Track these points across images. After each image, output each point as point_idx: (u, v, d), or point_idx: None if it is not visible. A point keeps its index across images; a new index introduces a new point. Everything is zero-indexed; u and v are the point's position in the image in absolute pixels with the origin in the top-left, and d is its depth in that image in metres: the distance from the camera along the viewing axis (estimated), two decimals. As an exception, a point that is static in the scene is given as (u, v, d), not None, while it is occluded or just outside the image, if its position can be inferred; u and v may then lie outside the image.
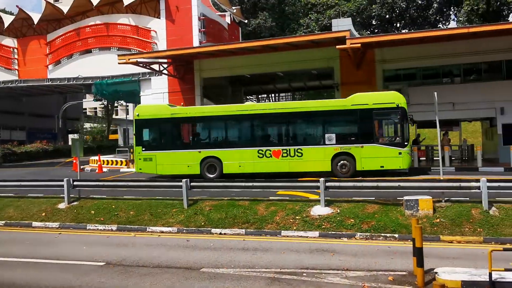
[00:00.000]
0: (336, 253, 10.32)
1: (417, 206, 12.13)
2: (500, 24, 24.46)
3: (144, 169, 20.66)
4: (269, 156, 19.47)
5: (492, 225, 11.40)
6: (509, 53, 23.07)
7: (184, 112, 21.03)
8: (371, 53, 24.53)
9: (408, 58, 24.34)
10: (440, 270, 8.45)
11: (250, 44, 24.72)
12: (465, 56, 23.74)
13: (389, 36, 23.98)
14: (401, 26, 45.31)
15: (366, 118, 18.68)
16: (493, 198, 12.57)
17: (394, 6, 42.09)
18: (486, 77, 24.43)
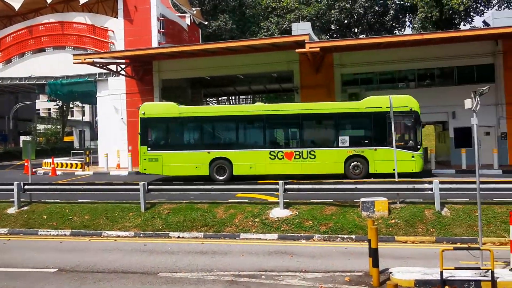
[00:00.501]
0: (295, 255, 10.38)
1: (373, 208, 12.39)
2: (452, 31, 25.49)
3: (149, 170, 19.79)
4: (281, 157, 19.11)
5: (444, 225, 11.79)
6: (460, 60, 24.03)
7: (194, 112, 20.31)
8: (330, 57, 24.95)
9: (366, 63, 24.92)
10: (394, 270, 8.65)
11: (210, 46, 24.62)
12: (420, 62, 24.57)
13: (347, 41, 24.46)
14: (359, 32, 46.38)
15: (380, 121, 18.49)
16: (445, 199, 13.01)
17: (352, 12, 43.03)
18: (439, 82, 25.33)
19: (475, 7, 42.83)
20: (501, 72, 23.55)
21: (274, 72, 27.90)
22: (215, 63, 26.06)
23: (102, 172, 25.25)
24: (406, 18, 47.10)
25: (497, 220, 11.77)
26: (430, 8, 38.53)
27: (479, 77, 23.84)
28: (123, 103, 27.60)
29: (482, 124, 23.48)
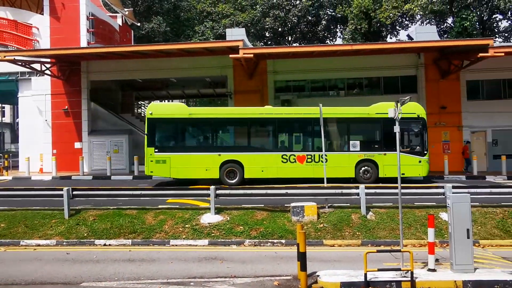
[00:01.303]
0: (225, 261, 10.31)
1: (303, 212, 12.62)
2: (379, 43, 26.78)
3: (156, 172, 19.08)
4: (293, 161, 18.99)
5: (369, 229, 12.25)
6: (386, 70, 25.30)
7: (204, 113, 19.69)
8: (264, 63, 25.25)
9: (298, 71, 25.50)
10: (322, 273, 8.84)
11: (142, 48, 24.00)
12: (349, 71, 25.57)
13: (281, 49, 24.93)
14: (293, 40, 47.41)
15: (389, 127, 18.21)
16: (371, 203, 13.53)
17: (286, 20, 43.87)
18: (366, 91, 26.44)
19: (401, 22, 45.26)
20: (422, 83, 25.04)
21: (208, 77, 27.78)
22: (147, 66, 25.47)
23: (22, 177, 23.74)
24: (338, 29, 48.80)
25: (417, 223, 12.43)
26: (359, 20, 40.20)
27: (403, 88, 25.23)
28: (48, 104, 26.15)
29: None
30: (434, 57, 24.65)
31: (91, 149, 25.78)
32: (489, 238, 11.92)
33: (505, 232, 12.10)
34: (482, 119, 24.42)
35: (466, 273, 8.66)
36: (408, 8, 37.87)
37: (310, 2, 43.03)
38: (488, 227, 12.29)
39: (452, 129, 24.71)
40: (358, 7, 39.47)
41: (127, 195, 13.86)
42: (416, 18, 42.21)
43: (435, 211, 13.00)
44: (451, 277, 8.53)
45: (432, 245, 9.01)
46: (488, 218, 12.67)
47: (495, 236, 12.00)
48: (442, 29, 41.63)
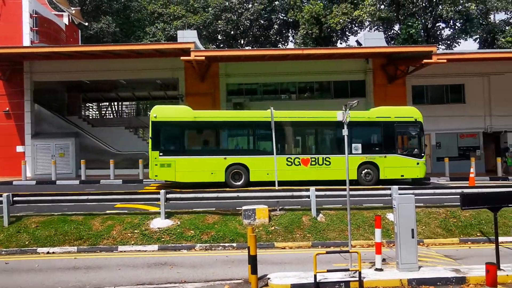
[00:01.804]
0: (175, 266, 10.12)
1: (254, 215, 12.61)
2: (329, 48, 27.31)
3: (160, 176, 18.70)
4: (298, 164, 19.24)
5: (319, 231, 12.41)
6: (336, 75, 25.86)
7: (209, 116, 19.53)
8: (216, 66, 25.14)
9: (250, 74, 25.58)
10: (272, 276, 8.84)
11: (90, 48, 23.26)
12: (300, 75, 25.93)
13: (233, 52, 24.97)
14: (245, 43, 47.54)
15: (389, 130, 19.58)
16: (321, 205, 13.72)
17: (239, 23, 43.94)
18: (317, 95, 26.91)
19: (350, 28, 46.44)
20: (371, 87, 25.79)
21: (159, 79, 27.33)
22: (95, 67, 24.73)
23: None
24: (289, 33, 49.41)
25: (366, 224, 12.71)
26: (310, 25, 40.87)
27: (352, 92, 25.87)
28: (-13, 105, 24.83)
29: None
30: (382, 63, 25.46)
31: (34, 153, 24.64)
32: (432, 237, 12.37)
33: (447, 231, 12.60)
34: (426, 123, 25.25)
35: (411, 272, 8.92)
36: (357, 15, 38.95)
37: (262, 6, 43.33)
38: (432, 227, 12.76)
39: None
40: (309, 13, 40.14)
41: (72, 200, 13.33)
42: (365, 25, 43.46)
43: (382, 212, 13.35)
44: (397, 276, 8.77)
45: (379, 245, 9.23)
46: (432, 218, 13.15)
47: (438, 235, 12.47)
48: (389, 36, 43.08)
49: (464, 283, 8.62)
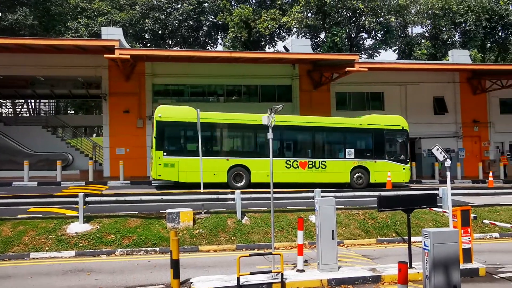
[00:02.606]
0: (93, 272, 9.64)
1: (178, 219, 12.37)
2: (257, 52, 27.62)
3: (164, 176, 18.66)
4: (296, 167, 19.83)
5: (244, 233, 12.44)
6: (263, 79, 26.17)
7: (213, 118, 19.47)
8: (142, 66, 24.50)
9: (178, 75, 25.21)
10: (195, 280, 8.70)
11: (4, 41, 21.66)
12: (228, 78, 25.96)
13: (159, 51, 24.44)
14: (173, 44, 46.78)
15: (379, 137, 20.86)
16: (246, 208, 13.77)
17: (167, 23, 43.13)
18: (245, 98, 27.07)
19: (279, 33, 47.35)
20: (297, 92, 26.42)
21: (81, 77, 26.12)
22: (10, 61, 23.11)
23: None
24: (219, 36, 49.38)
25: (289, 226, 12.93)
26: (239, 29, 41.12)
27: (279, 96, 26.34)
28: None
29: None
30: (308, 69, 26.19)
31: None
32: (352, 238, 12.86)
33: (366, 232, 13.16)
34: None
35: (331, 272, 9.18)
36: (285, 21, 39.80)
37: (192, 7, 42.89)
38: (352, 228, 13.26)
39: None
40: (238, 16, 40.39)
41: (-21, 204, 12.29)
42: (293, 31, 44.54)
43: (305, 214, 13.65)
44: (317, 277, 8.98)
45: (301, 246, 9.41)
46: (351, 219, 13.67)
47: (357, 236, 12.98)
48: (315, 43, 44.45)
49: (380, 282, 9.02)
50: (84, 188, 18.82)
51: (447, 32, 47.62)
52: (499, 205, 15.56)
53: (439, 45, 47.40)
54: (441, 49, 46.50)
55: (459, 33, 49.48)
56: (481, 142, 29.13)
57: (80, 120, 39.08)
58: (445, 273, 5.94)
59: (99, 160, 29.73)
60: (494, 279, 9.21)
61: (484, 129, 29.27)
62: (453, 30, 48.35)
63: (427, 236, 6.16)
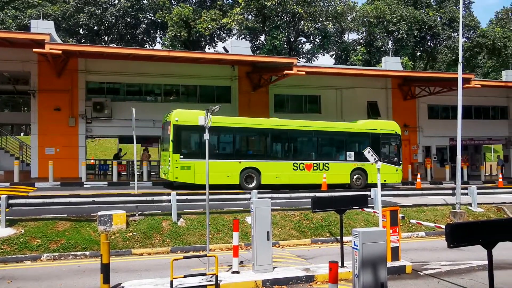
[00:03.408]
0: (15, 280, 9.05)
1: (111, 221, 11.94)
2: (196, 52, 27.32)
3: (180, 178, 19.08)
4: (302, 169, 20.73)
5: (179, 235, 12.22)
6: (203, 79, 25.95)
7: (226, 122, 20.06)
8: (75, 62, 23.48)
9: (114, 73, 24.41)
10: (126, 284, 8.42)
11: None
12: (166, 78, 25.50)
13: (94, 48, 23.40)
14: (110, 40, 45.34)
15: (376, 140, 22.09)
16: (182, 210, 13.56)
17: (103, 19, 41.76)
18: (183, 98, 26.67)
19: (219, 34, 47.30)
20: (236, 94, 26.45)
21: (7, 71, 24.57)
22: None
23: None
24: (157, 34, 48.51)
25: (225, 227, 12.86)
26: (179, 28, 40.63)
27: (218, 97, 26.20)
28: None
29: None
30: (247, 71, 26.29)
31: None
32: (287, 238, 13.02)
33: (301, 233, 13.37)
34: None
35: (265, 273, 9.22)
36: (226, 22, 39.79)
37: (130, 4, 41.79)
38: (287, 229, 13.43)
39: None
40: (178, 15, 39.87)
41: None
42: (233, 32, 44.64)
43: (242, 215, 13.65)
44: (252, 278, 8.98)
45: (236, 248, 9.37)
46: (287, 220, 13.84)
47: (292, 236, 13.16)
48: (255, 45, 44.82)
49: (313, 281, 9.17)
50: (8, 189, 17.70)
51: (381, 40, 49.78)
52: (425, 206, 16.40)
53: (373, 52, 49.43)
54: (375, 55, 48.53)
55: (392, 41, 51.89)
56: (411, 146, 30.64)
57: (6, 117, 36.81)
58: (373, 271, 6.13)
59: (26, 160, 28.10)
60: (419, 276, 9.67)
61: (413, 133, 30.81)
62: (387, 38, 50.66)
63: (357, 236, 6.34)
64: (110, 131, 25.21)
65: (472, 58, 56.89)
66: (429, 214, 15.58)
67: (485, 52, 56.19)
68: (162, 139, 21.43)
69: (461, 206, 15.52)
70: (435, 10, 52.66)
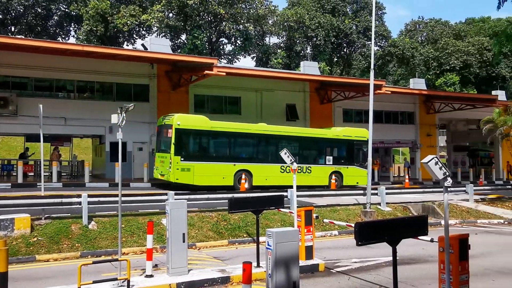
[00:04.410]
0: None
1: (12, 226, 11.04)
2: (112, 48, 26.22)
3: (181, 179, 20.00)
4: (288, 171, 21.31)
5: (90, 239, 11.61)
6: (120, 77, 25.01)
7: (223, 127, 21.46)
8: (-24, 53, 21.55)
9: (21, 66, 22.75)
10: (28, 294, 7.81)
11: None
12: (80, 74, 24.22)
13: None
14: (17, 31, 42.22)
15: (350, 146, 24.12)
16: (94, 212, 12.91)
17: (9, 7, 38.80)
18: (98, 96, 25.53)
19: (138, 30, 45.96)
20: (155, 93, 25.81)
21: None
22: None
23: None
24: (72, 28, 46.07)
25: (140, 230, 12.43)
26: (95, 22, 38.89)
27: (136, 96, 25.35)
28: None
29: (137, 140, 25.10)
30: (167, 69, 25.76)
31: None
32: (205, 240, 12.87)
33: (218, 234, 13.29)
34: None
35: (180, 276, 9.02)
36: (146, 19, 38.75)
37: (41, -7, 39.35)
38: (205, 230, 13.28)
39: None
40: (94, 9, 38.14)
41: None
42: (153, 30, 43.59)
43: (158, 217, 13.29)
44: (166, 281, 8.75)
45: (150, 251, 9.07)
46: (205, 222, 13.69)
47: (210, 238, 13.03)
48: (176, 44, 44.15)
49: (229, 282, 9.13)
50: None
51: (300, 45, 51.31)
52: (338, 205, 17.05)
53: (293, 56, 50.80)
54: (295, 59, 49.91)
55: (310, 46, 53.70)
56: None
57: None
58: (286, 271, 6.19)
59: None
60: (331, 273, 10.00)
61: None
62: (306, 43, 52.30)
63: (271, 236, 6.38)
64: (16, 129, 23.47)
65: (384, 66, 60.60)
66: (342, 214, 16.22)
67: (395, 61, 60.11)
68: (159, 141, 21.98)
69: (372, 206, 16.35)
70: (351, 19, 55.30)
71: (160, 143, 21.72)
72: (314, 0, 54.76)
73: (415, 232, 5.97)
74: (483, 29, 66.71)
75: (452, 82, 56.67)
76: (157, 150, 21.90)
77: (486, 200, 21.25)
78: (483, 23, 69.81)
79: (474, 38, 61.48)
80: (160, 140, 21.72)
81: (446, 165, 30.06)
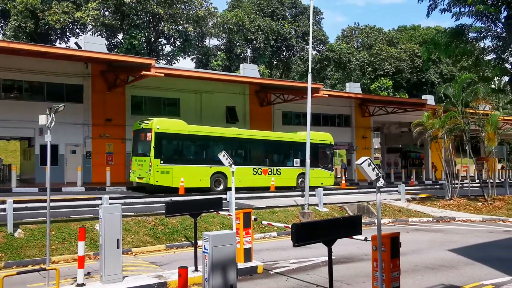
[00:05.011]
0: None
1: None
2: (41, 46, 24.78)
3: (160, 181, 20.39)
4: (260, 173, 23.25)
5: (16, 248, 10.89)
6: (51, 76, 23.82)
7: (199, 131, 22.24)
8: None
9: None
10: None
11: None
12: (6, 72, 22.84)
13: None
14: None
15: (316, 149, 24.08)
16: (21, 219, 12.14)
17: None
18: (27, 96, 24.16)
19: (72, 28, 44.07)
20: (89, 94, 24.83)
21: None
22: None
23: None
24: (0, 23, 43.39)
25: (72, 237, 11.83)
26: (24, 18, 36.84)
27: (68, 96, 24.23)
28: None
29: (70, 142, 24.02)
30: (102, 69, 24.87)
31: None
32: (141, 245, 12.47)
33: (155, 239, 12.94)
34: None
35: (114, 283, 8.66)
36: (80, 16, 37.24)
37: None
38: (141, 235, 12.88)
39: (116, 141, 25.44)
40: (23, 4, 36.12)
41: None
42: (88, 28, 41.98)
43: (92, 223, 12.71)
44: (99, 290, 8.37)
45: (81, 258, 8.63)
46: (141, 226, 13.28)
47: (146, 243, 12.65)
48: (112, 43, 42.80)
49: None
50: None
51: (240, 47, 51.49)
52: (278, 207, 17.19)
53: (233, 58, 50.88)
54: (235, 62, 50.00)
55: (250, 49, 54.03)
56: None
57: None
58: (223, 274, 6.11)
59: None
60: (270, 275, 10.01)
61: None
62: (246, 46, 52.57)
63: (207, 239, 6.27)
64: None
65: (322, 70, 62.19)
66: (281, 215, 16.36)
67: (333, 65, 61.86)
68: (136, 145, 21.97)
69: (309, 207, 16.62)
70: (290, 23, 56.25)
71: (137, 146, 21.87)
72: (254, 3, 55.21)
73: (349, 231, 6.09)
74: (414, 37, 70.26)
75: (386, 87, 59.17)
76: (134, 154, 21.92)
77: (417, 199, 22.33)
78: (414, 31, 73.57)
79: (405, 45, 64.59)
80: (137, 144, 21.85)
81: (379, 166, 31.74)
